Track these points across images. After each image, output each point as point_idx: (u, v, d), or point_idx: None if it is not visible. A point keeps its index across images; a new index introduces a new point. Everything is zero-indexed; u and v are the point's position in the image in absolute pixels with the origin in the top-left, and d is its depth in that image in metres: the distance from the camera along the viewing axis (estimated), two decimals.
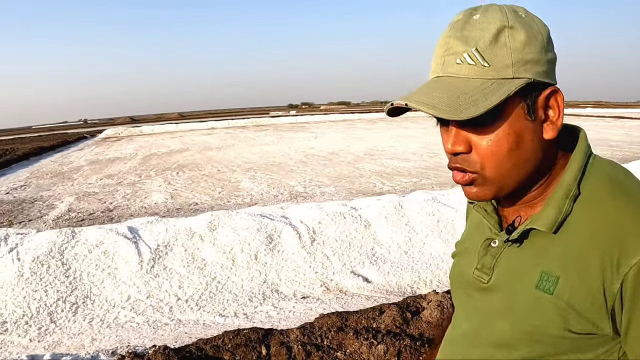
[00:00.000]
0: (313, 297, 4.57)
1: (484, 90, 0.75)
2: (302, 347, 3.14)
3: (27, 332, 4.10)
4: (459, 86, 0.77)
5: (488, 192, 0.83)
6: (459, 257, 1.05)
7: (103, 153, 20.75)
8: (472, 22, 0.79)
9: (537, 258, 0.83)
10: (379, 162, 14.23)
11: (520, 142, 0.79)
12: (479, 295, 0.93)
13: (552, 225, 0.81)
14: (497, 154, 0.79)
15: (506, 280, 0.87)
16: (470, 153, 0.81)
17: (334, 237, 5.47)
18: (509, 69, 0.76)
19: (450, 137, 0.81)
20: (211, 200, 9.39)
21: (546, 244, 0.82)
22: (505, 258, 0.88)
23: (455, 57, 0.78)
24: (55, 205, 9.59)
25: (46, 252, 4.89)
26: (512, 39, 0.76)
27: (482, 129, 0.78)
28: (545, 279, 0.80)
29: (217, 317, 4.16)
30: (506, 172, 0.80)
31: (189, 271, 4.79)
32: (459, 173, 0.83)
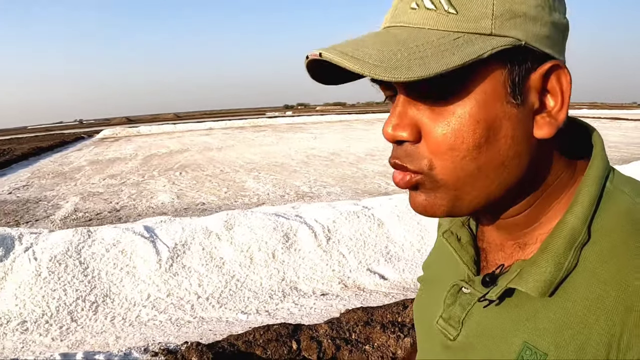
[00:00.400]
0: (332, 294, 4.61)
1: (441, 46, 0.50)
2: (332, 341, 3.18)
3: (48, 331, 4.11)
4: (405, 38, 0.52)
5: (440, 203, 0.56)
6: (424, 286, 0.81)
7: (102, 153, 20.74)
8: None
9: (520, 323, 0.57)
10: (381, 162, 14.26)
11: (494, 134, 0.52)
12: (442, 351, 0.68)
13: (547, 289, 0.54)
14: (456, 148, 0.52)
15: (479, 342, 0.62)
16: (418, 143, 0.54)
17: (349, 236, 5.51)
18: (486, 20, 0.50)
19: (392, 116, 0.55)
20: (218, 200, 9.41)
21: (535, 306, 0.56)
22: (478, 313, 0.63)
23: (411, 1, 0.53)
24: (61, 205, 9.59)
25: (63, 252, 4.90)
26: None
27: (438, 109, 0.53)
28: (528, 354, 0.55)
29: (240, 314, 4.19)
30: (467, 178, 0.54)
31: (207, 269, 4.81)
32: (398, 172, 0.57)
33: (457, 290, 0.66)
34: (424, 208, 0.57)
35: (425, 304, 0.76)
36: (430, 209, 0.56)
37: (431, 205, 0.56)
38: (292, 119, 45.36)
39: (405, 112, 0.54)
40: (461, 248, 0.68)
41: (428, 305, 0.74)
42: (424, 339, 0.74)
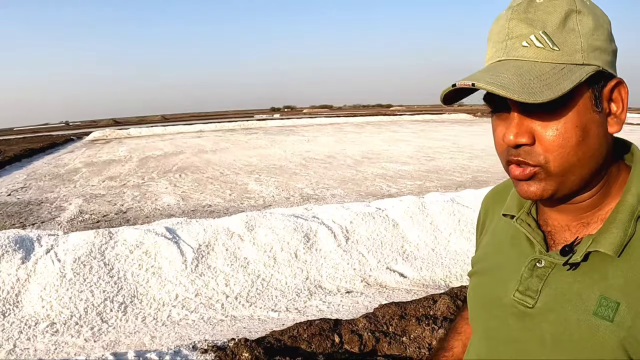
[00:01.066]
0: (356, 291, 4.72)
1: (555, 75, 0.69)
2: (371, 334, 3.30)
3: (79, 332, 4.16)
4: (529, 68, 0.70)
5: (549, 188, 0.74)
6: (481, 277, 0.94)
7: (96, 155, 20.66)
8: (535, 4, 0.73)
9: (595, 283, 0.74)
10: (379, 165, 14.42)
11: (587, 134, 0.72)
12: (516, 322, 0.82)
13: (619, 248, 0.73)
14: (564, 146, 0.71)
15: (557, 305, 0.77)
16: (534, 145, 0.73)
17: (366, 236, 5.63)
18: (578, 54, 0.71)
19: (512, 127, 0.73)
20: (224, 202, 9.48)
21: (606, 267, 0.74)
22: (555, 281, 0.78)
23: (520, 39, 0.72)
24: (65, 207, 9.59)
25: (87, 253, 4.96)
26: (580, 23, 0.71)
27: (548, 118, 0.72)
28: (605, 305, 0.72)
29: (270, 312, 4.28)
30: (571, 167, 0.73)
31: (233, 269, 4.90)
32: (518, 167, 0.75)
33: (533, 266, 0.81)
34: (534, 193, 0.75)
35: (488, 288, 0.90)
36: (540, 194, 0.75)
37: (541, 190, 0.75)
38: (282, 122, 45.44)
39: (522, 123, 0.73)
40: (532, 231, 0.84)
41: (492, 288, 0.88)
42: (489, 318, 0.88)
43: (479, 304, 0.93)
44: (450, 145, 20.10)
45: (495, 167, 13.20)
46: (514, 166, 0.75)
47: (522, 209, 0.88)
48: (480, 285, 0.94)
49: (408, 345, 3.22)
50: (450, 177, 11.92)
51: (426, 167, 13.70)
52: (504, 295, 0.84)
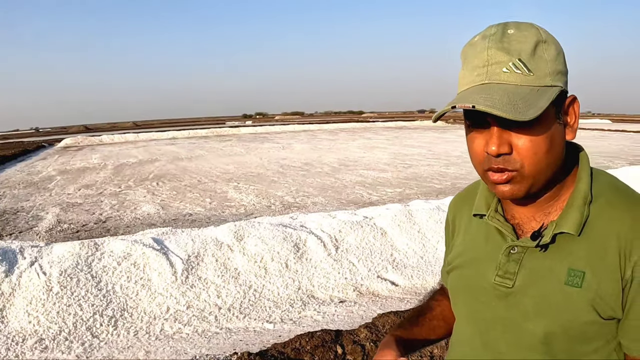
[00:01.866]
0: (350, 300, 4.70)
1: (534, 96, 0.83)
2: (373, 344, 3.30)
3: (70, 348, 4.04)
4: (513, 91, 0.83)
5: (523, 188, 0.89)
6: (462, 269, 1.08)
7: (69, 162, 20.25)
8: (508, 35, 0.86)
9: (563, 258, 0.90)
10: (357, 172, 14.46)
11: (553, 143, 0.87)
12: (499, 302, 0.97)
13: (578, 227, 0.90)
14: (537, 153, 0.86)
15: (533, 282, 0.92)
16: (511, 154, 0.87)
17: (355, 245, 5.63)
18: (547, 78, 0.85)
19: (494, 139, 0.86)
20: (205, 211, 9.37)
21: (570, 245, 0.90)
22: (529, 262, 0.94)
23: (500, 65, 0.85)
24: (42, 217, 9.36)
25: (73, 265, 4.84)
26: (546, 51, 0.86)
27: (523, 131, 0.85)
28: (573, 275, 0.88)
29: (266, 323, 4.23)
30: (541, 170, 0.88)
31: (224, 280, 4.84)
32: (496, 173, 0.89)
33: (508, 252, 0.96)
34: (510, 194, 0.90)
35: (470, 277, 1.04)
36: (515, 193, 0.89)
37: (517, 190, 0.89)
38: (255, 129, 45.30)
39: (501, 136, 0.86)
40: (503, 224, 1.00)
41: (475, 275, 1.03)
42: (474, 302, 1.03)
43: (463, 292, 1.07)
44: (426, 152, 20.29)
45: (473, 175, 13.34)
46: (492, 172, 0.90)
47: (490, 208, 1.04)
48: (462, 276, 1.08)
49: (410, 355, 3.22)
50: (430, 184, 12.01)
51: (404, 174, 13.79)
52: (485, 282, 0.99)
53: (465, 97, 0.86)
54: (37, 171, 17.46)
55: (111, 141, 34.54)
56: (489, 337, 1.00)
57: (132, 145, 29.90)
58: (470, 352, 1.05)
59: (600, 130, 37.13)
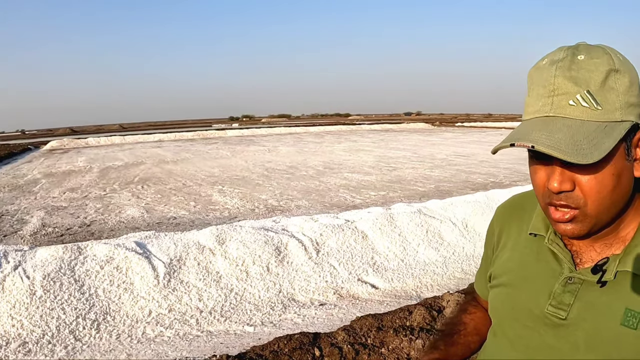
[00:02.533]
0: (330, 303, 4.79)
1: (599, 133, 0.77)
2: (351, 346, 3.38)
3: (53, 351, 4.09)
4: (577, 128, 0.78)
5: (585, 228, 0.86)
6: (509, 288, 1.04)
7: (55, 165, 20.12)
8: (577, 62, 0.80)
9: (621, 297, 0.85)
10: (341, 175, 14.55)
11: (620, 180, 0.82)
12: (549, 331, 0.93)
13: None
14: (601, 192, 0.82)
15: (588, 316, 0.88)
16: (574, 190, 0.83)
17: (336, 248, 5.72)
18: (617, 112, 0.79)
19: (556, 175, 0.83)
20: (189, 215, 9.42)
21: (630, 283, 0.85)
22: (585, 296, 0.89)
23: (566, 97, 0.80)
24: (27, 220, 9.35)
25: (56, 269, 4.89)
26: (618, 82, 0.80)
27: (588, 169, 0.81)
28: (630, 316, 0.83)
29: (246, 326, 4.31)
30: (605, 209, 0.84)
31: (205, 284, 4.91)
32: (557, 211, 0.86)
33: (565, 282, 0.92)
34: (571, 232, 0.87)
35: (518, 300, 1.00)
36: (577, 233, 0.87)
37: (578, 230, 0.86)
38: (241, 131, 45.26)
39: (564, 173, 0.83)
40: (562, 250, 0.96)
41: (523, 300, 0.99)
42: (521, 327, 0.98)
43: (508, 314, 1.03)
44: (411, 155, 20.42)
45: (457, 177, 13.51)
46: (554, 209, 0.87)
47: (550, 230, 1.00)
48: (508, 296, 1.03)
49: (387, 356, 3.31)
50: (414, 187, 12.14)
51: (389, 177, 13.90)
52: (535, 307, 0.96)
53: (527, 133, 0.82)
54: (22, 174, 17.36)
55: (97, 144, 34.38)
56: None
57: (118, 148, 29.78)
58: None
59: None
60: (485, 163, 16.27)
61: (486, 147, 23.78)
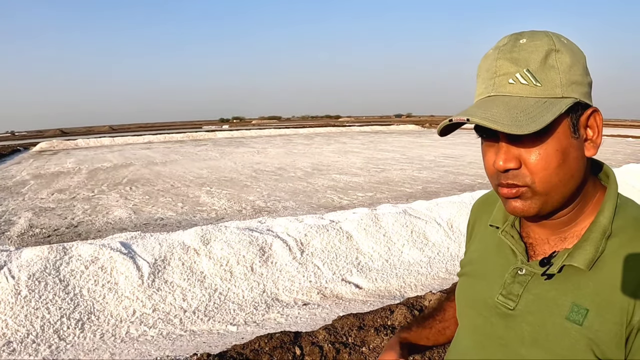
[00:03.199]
0: (313, 303, 4.84)
1: (538, 108, 0.79)
2: (331, 345, 3.43)
3: (37, 351, 4.10)
4: (515, 104, 0.80)
5: (534, 206, 0.85)
6: (470, 278, 1.07)
7: (44, 167, 20.05)
8: (519, 45, 0.83)
9: (568, 292, 0.85)
10: (329, 177, 14.61)
11: (566, 158, 0.82)
12: (499, 320, 0.94)
13: (590, 263, 0.84)
14: (547, 168, 0.82)
15: (534, 309, 0.89)
16: (520, 168, 0.83)
17: (321, 249, 5.76)
18: (558, 89, 0.81)
19: (502, 154, 0.84)
20: (177, 215, 9.44)
21: (578, 278, 0.85)
22: (534, 288, 0.90)
23: (506, 77, 0.83)
24: (14, 221, 9.33)
25: (41, 269, 4.90)
26: (559, 61, 0.82)
27: (532, 145, 0.82)
28: (576, 311, 0.83)
29: (229, 326, 4.35)
30: (553, 187, 0.83)
31: (190, 284, 4.94)
32: (506, 188, 0.86)
33: (515, 273, 0.94)
34: (521, 210, 0.87)
35: (475, 290, 1.03)
36: (525, 211, 0.86)
37: (527, 207, 0.86)
38: (231, 133, 45.23)
39: (509, 151, 0.83)
40: (515, 242, 0.97)
41: (479, 290, 1.01)
42: (476, 315, 1.01)
43: (467, 303, 1.05)
44: (399, 157, 20.53)
45: (444, 178, 13.60)
46: (503, 187, 0.87)
47: (507, 222, 1.02)
48: (469, 286, 1.06)
49: (368, 355, 3.36)
50: (401, 188, 12.22)
51: (376, 179, 13.97)
52: (489, 297, 0.97)
53: (467, 110, 0.84)
54: (10, 175, 17.29)
55: (87, 145, 34.24)
56: (485, 353, 0.98)
57: (107, 150, 29.70)
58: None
59: None
60: (474, 164, 16.37)
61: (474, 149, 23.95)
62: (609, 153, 21.63)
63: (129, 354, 3.98)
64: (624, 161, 16.62)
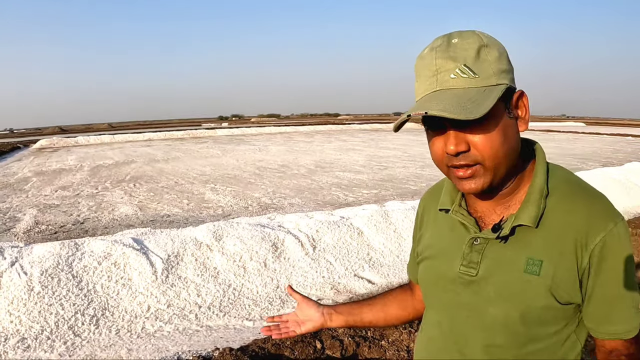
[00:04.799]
0: (327, 298, 4.84)
1: (481, 95, 0.90)
2: (351, 339, 3.43)
3: (52, 347, 4.09)
4: (461, 94, 0.91)
5: (487, 181, 0.97)
6: (430, 260, 1.17)
7: (45, 164, 19.99)
8: (453, 44, 0.94)
9: (521, 249, 0.99)
10: (333, 174, 14.60)
11: (506, 135, 0.95)
12: (464, 289, 1.05)
13: (535, 220, 0.98)
14: (492, 147, 0.93)
15: (494, 270, 1.01)
16: (469, 151, 0.95)
17: (332, 244, 5.76)
18: (492, 78, 0.93)
19: (451, 139, 0.95)
20: (183, 212, 9.42)
21: (528, 236, 0.99)
22: (491, 253, 1.02)
23: (448, 73, 0.93)
24: (20, 218, 9.30)
25: (54, 265, 4.89)
26: (489, 54, 0.94)
27: (477, 129, 0.93)
28: (531, 264, 0.96)
29: (245, 321, 4.35)
30: (500, 162, 0.95)
31: (203, 279, 4.93)
32: (459, 170, 0.97)
33: (471, 244, 1.05)
34: (475, 188, 0.98)
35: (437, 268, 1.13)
36: (480, 187, 0.97)
37: (481, 184, 0.97)
38: (231, 131, 45.17)
39: (458, 135, 0.95)
40: (466, 217, 1.09)
41: (441, 268, 1.12)
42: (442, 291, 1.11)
43: (431, 282, 1.16)
44: (401, 154, 20.53)
45: None
46: (456, 169, 0.98)
47: (455, 203, 1.13)
48: (430, 267, 1.16)
49: (387, 349, 3.37)
50: (405, 186, 12.21)
51: (380, 176, 13.97)
52: (451, 271, 1.08)
53: (420, 105, 0.94)
54: (12, 172, 17.23)
55: (87, 142, 34.15)
56: (455, 322, 1.08)
57: (107, 147, 29.62)
58: (439, 335, 1.13)
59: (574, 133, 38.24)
60: None
61: None
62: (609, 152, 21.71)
63: (147, 349, 3.97)
64: (625, 159, 16.65)
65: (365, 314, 1.38)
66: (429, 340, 1.18)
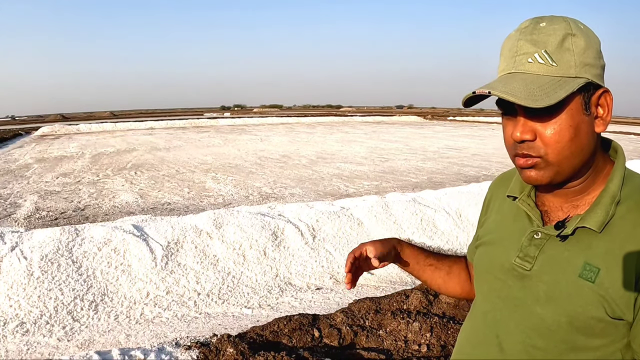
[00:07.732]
0: (326, 288, 4.85)
1: (553, 85, 0.87)
2: (349, 328, 3.44)
3: (51, 331, 4.10)
4: (532, 80, 0.89)
5: (547, 175, 0.94)
6: (488, 246, 1.14)
7: (46, 151, 20.01)
8: (539, 28, 0.91)
9: (581, 252, 0.93)
10: (334, 165, 14.60)
11: (578, 132, 0.90)
12: (516, 282, 1.02)
13: (601, 225, 0.93)
14: (559, 141, 0.90)
15: (549, 269, 0.96)
16: (535, 140, 0.92)
17: (332, 234, 5.77)
18: (572, 69, 0.89)
19: (519, 126, 0.92)
20: (184, 200, 9.43)
21: (590, 240, 0.93)
22: (549, 250, 0.98)
23: (526, 56, 0.91)
24: (20, 204, 9.32)
25: (54, 250, 4.89)
26: (575, 44, 0.89)
27: (547, 120, 0.90)
28: (588, 269, 0.91)
29: (244, 309, 4.36)
30: (565, 159, 0.92)
31: (203, 267, 4.94)
32: (522, 158, 0.95)
33: (532, 237, 1.01)
34: (535, 179, 0.95)
35: (493, 255, 1.10)
36: (540, 179, 0.95)
37: (541, 176, 0.94)
38: (233, 121, 45.15)
39: (526, 124, 0.92)
40: (532, 209, 1.05)
41: (497, 255, 1.08)
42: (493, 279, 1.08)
43: (485, 268, 1.12)
44: (402, 147, 20.50)
45: (449, 169, 13.59)
46: (519, 157, 0.95)
47: (524, 192, 1.09)
48: (486, 253, 1.14)
49: (385, 338, 3.37)
50: (406, 178, 12.21)
51: (381, 168, 13.96)
52: (506, 261, 1.05)
53: (489, 85, 0.92)
54: (14, 159, 17.25)
55: (89, 130, 34.18)
56: (501, 315, 1.05)
57: (109, 135, 29.64)
58: (482, 325, 1.10)
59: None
60: (477, 157, 16.36)
61: (478, 141, 23.93)
62: None
63: (145, 335, 3.98)
64: (628, 157, 16.61)
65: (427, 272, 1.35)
66: (472, 329, 1.16)
